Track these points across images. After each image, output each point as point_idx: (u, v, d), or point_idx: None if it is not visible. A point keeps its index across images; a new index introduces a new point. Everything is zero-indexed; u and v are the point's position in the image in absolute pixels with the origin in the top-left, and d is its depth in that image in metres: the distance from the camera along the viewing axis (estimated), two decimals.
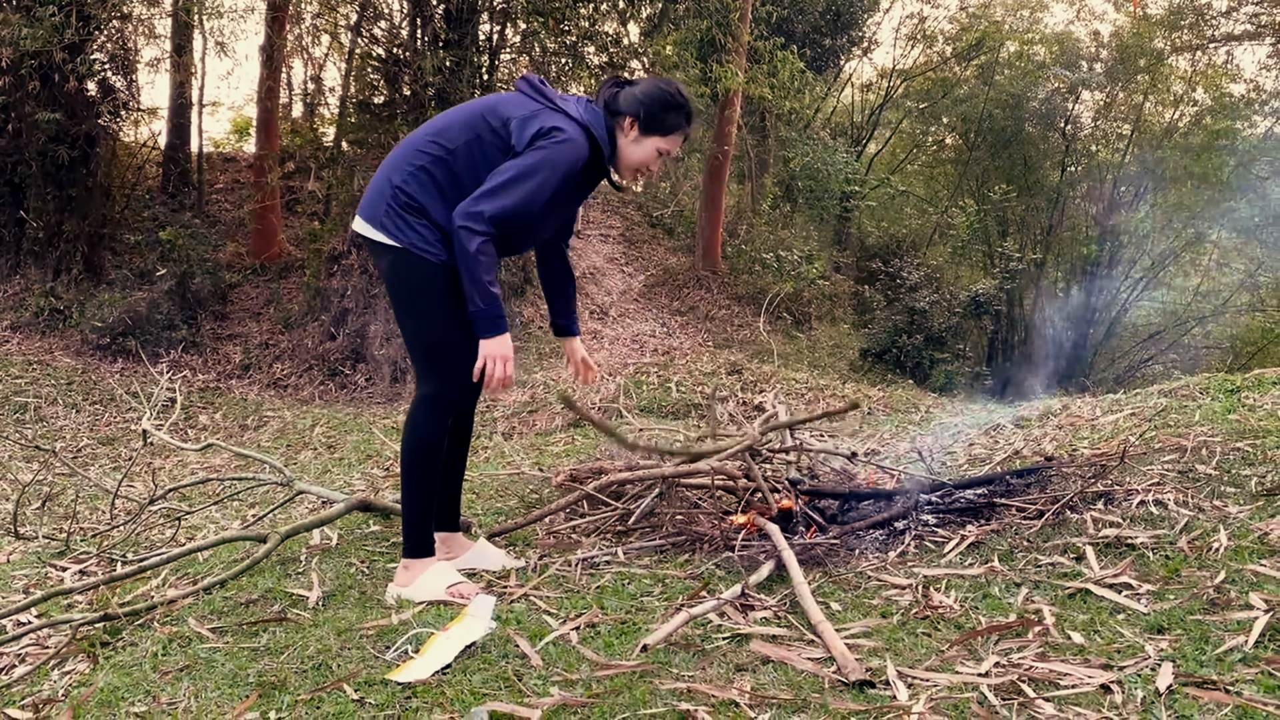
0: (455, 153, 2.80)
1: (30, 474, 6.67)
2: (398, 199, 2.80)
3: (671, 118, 2.95)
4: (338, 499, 3.99)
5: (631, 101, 2.93)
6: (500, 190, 2.71)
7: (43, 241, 11.56)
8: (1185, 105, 20.56)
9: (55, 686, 2.53)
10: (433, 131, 2.86)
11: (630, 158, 2.97)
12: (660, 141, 2.96)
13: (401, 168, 2.82)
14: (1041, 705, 2.05)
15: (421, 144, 2.84)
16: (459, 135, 2.82)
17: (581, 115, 2.87)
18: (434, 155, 2.81)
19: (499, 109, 2.86)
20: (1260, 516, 2.96)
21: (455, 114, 2.91)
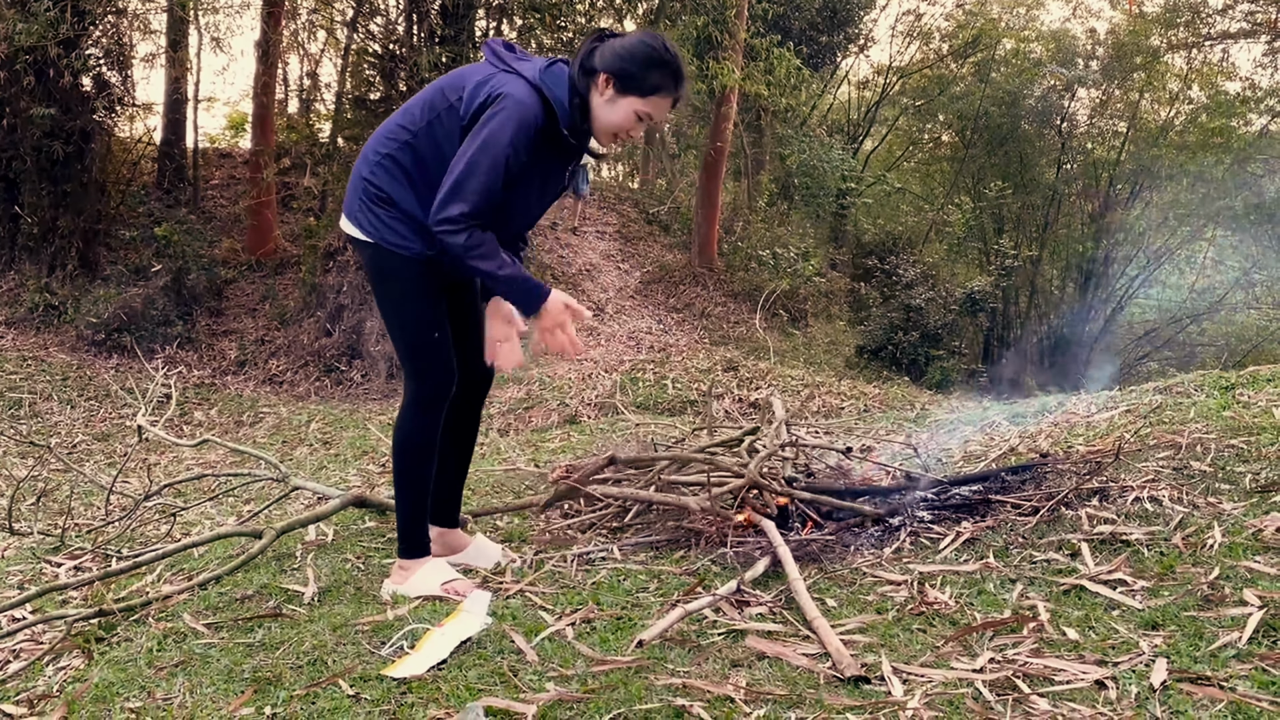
0: (418, 135, 2.66)
1: (25, 470, 6.66)
2: (368, 192, 2.71)
3: (654, 76, 2.63)
4: (333, 495, 3.99)
5: (609, 57, 2.62)
6: (460, 184, 2.53)
7: (37, 237, 11.53)
8: (1181, 103, 20.58)
9: (50, 682, 2.53)
10: (398, 117, 2.74)
11: (604, 120, 2.67)
12: (639, 103, 2.64)
13: (369, 159, 2.73)
14: (1036, 701, 2.05)
15: (389, 131, 2.72)
16: (420, 116, 2.68)
17: (535, 76, 2.62)
18: (400, 141, 2.68)
19: (458, 80, 2.69)
20: (1254, 513, 2.97)
21: (420, 94, 2.76)
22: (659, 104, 2.67)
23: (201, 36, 14.32)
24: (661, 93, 2.66)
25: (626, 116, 2.66)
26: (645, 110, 2.66)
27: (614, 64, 2.62)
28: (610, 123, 2.68)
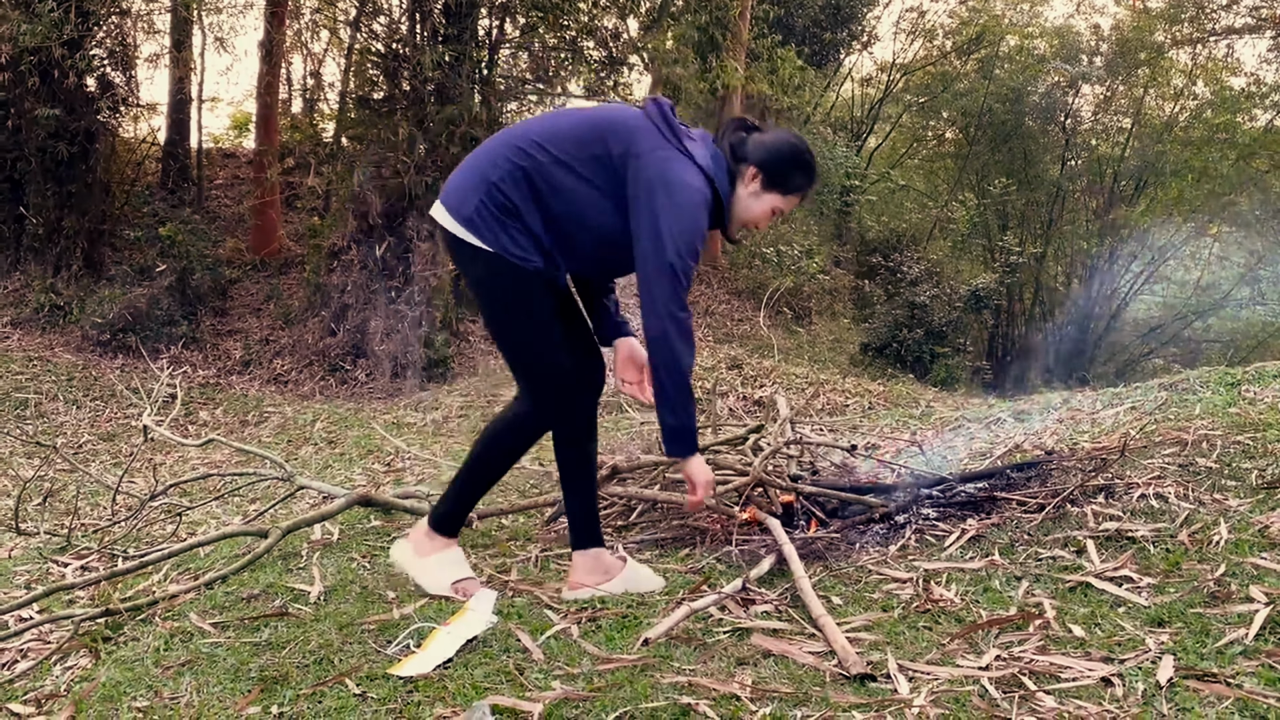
0: (562, 164, 2.55)
1: (31, 470, 6.68)
2: (494, 197, 2.53)
3: (797, 177, 2.71)
4: (339, 494, 3.99)
5: (760, 151, 2.67)
6: (687, 272, 2.49)
7: (43, 238, 11.56)
8: (1186, 99, 20.53)
9: (58, 682, 2.54)
10: (540, 133, 2.59)
11: (746, 212, 2.71)
12: (779, 200, 2.71)
13: (499, 164, 2.56)
14: (1042, 698, 2.05)
15: (524, 143, 2.57)
16: (569, 148, 2.56)
17: (707, 164, 2.60)
18: (537, 160, 2.55)
19: (622, 130, 2.58)
20: (1261, 510, 2.96)
21: (568, 121, 2.63)
22: (793, 202, 2.76)
23: (205, 36, 14.35)
24: (800, 192, 2.75)
25: (765, 212, 2.72)
26: (782, 207, 2.73)
27: (764, 159, 2.67)
28: (751, 215, 2.72)
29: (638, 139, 2.56)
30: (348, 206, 11.55)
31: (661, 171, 2.51)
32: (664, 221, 2.47)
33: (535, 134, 2.59)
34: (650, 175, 2.51)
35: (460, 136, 11.18)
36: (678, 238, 2.47)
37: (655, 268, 2.49)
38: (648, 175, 2.52)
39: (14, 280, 11.50)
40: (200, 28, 14.08)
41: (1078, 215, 20.78)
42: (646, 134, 2.58)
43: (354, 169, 11.56)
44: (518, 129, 2.67)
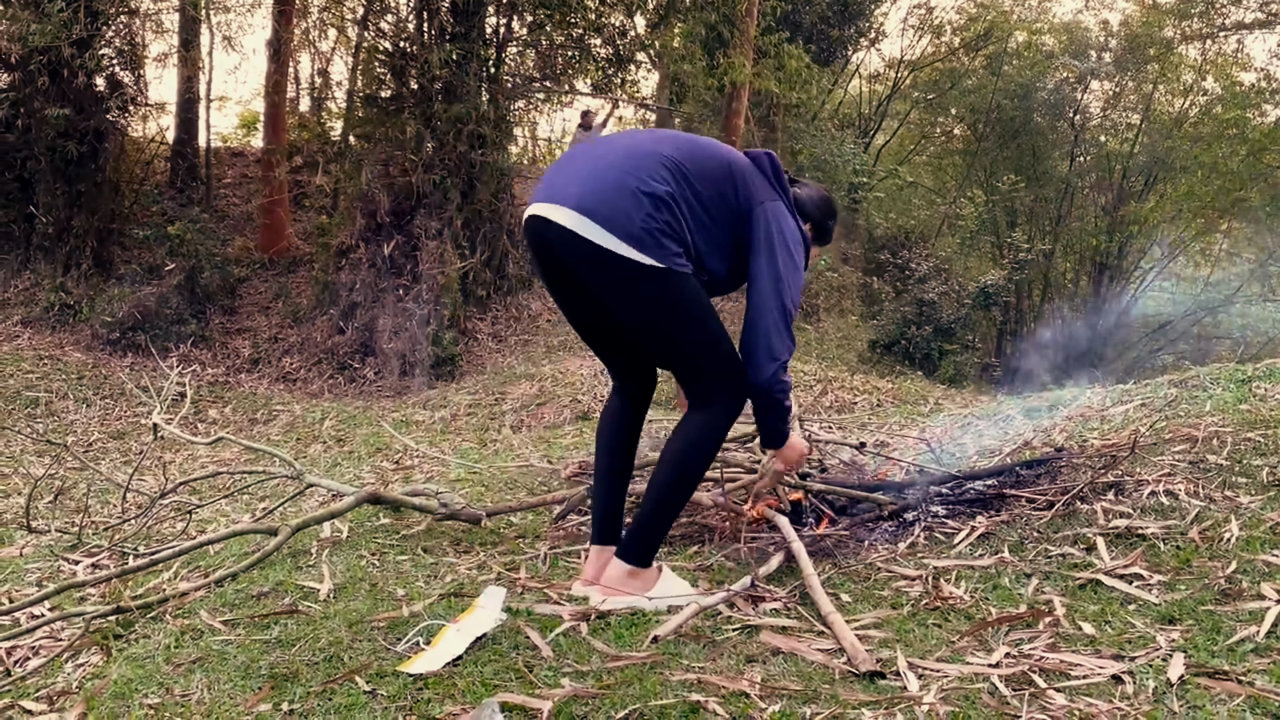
0: (700, 200, 2.56)
1: (42, 468, 6.70)
2: (659, 212, 2.48)
3: (832, 228, 3.00)
4: (348, 492, 4.00)
5: (810, 208, 2.90)
6: (788, 327, 2.64)
7: (52, 237, 11.60)
8: (1195, 94, 20.44)
9: (69, 679, 2.55)
10: (681, 155, 2.57)
11: None
12: (816, 249, 2.96)
13: (654, 179, 2.49)
14: (1052, 696, 2.04)
15: (669, 162, 2.54)
16: (707, 182, 2.58)
17: (810, 207, 2.90)
18: (683, 188, 2.53)
19: (748, 181, 2.66)
20: (1272, 506, 2.95)
21: (703, 152, 2.63)
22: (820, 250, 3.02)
23: (213, 35, 14.40)
24: (829, 240, 3.03)
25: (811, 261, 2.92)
26: (816, 255, 2.97)
27: (815, 215, 2.91)
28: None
29: (759, 188, 2.68)
30: (356, 205, 11.58)
31: (783, 226, 2.65)
32: (785, 273, 2.62)
33: (677, 155, 2.57)
34: (776, 228, 2.64)
35: (468, 134, 11.20)
36: (795, 289, 2.64)
37: (777, 314, 2.61)
38: (773, 228, 2.63)
39: (24, 279, 11.55)
40: (208, 27, 14.13)
41: (1087, 212, 20.71)
42: (766, 185, 2.71)
43: (362, 167, 11.59)
44: (653, 140, 2.62)
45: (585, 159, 2.63)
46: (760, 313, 2.61)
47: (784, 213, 2.68)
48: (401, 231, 11.31)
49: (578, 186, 2.52)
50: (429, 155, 11.24)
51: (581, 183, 2.53)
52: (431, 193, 11.25)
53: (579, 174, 2.57)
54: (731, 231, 2.62)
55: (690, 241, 2.55)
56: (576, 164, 2.63)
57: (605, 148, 2.63)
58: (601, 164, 2.55)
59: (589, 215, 2.46)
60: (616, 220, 2.45)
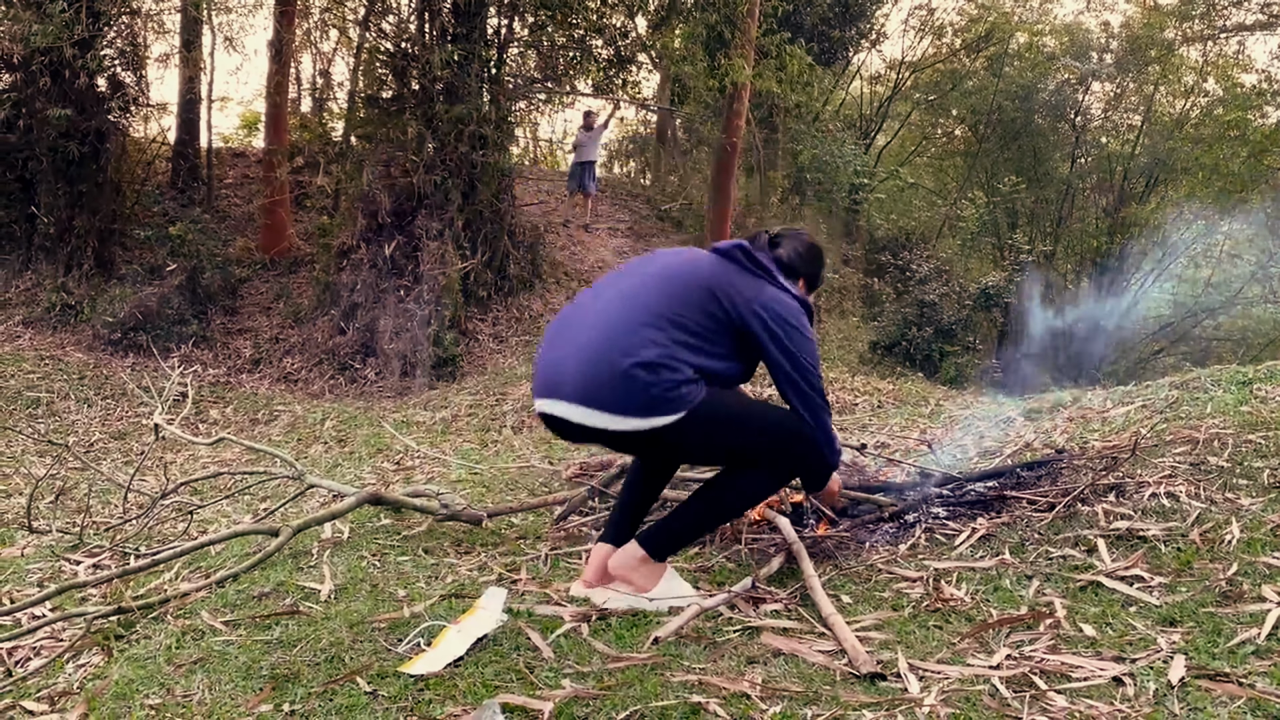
0: (695, 340, 2.64)
1: (43, 468, 6.71)
2: (659, 374, 2.55)
3: (824, 273, 3.06)
4: (349, 493, 4.00)
5: (800, 261, 2.94)
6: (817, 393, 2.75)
7: (54, 237, 11.60)
8: (1196, 96, 20.43)
9: (70, 679, 2.55)
10: (664, 301, 2.65)
11: None
12: (810, 296, 2.99)
13: (638, 352, 2.55)
14: (1053, 698, 2.05)
15: (651, 320, 2.61)
16: (697, 316, 2.66)
17: (797, 292, 2.85)
18: (676, 338, 2.61)
19: (730, 287, 2.70)
20: (1273, 509, 2.95)
21: (680, 285, 2.69)
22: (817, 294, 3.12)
23: (215, 36, 14.39)
24: (821, 284, 3.08)
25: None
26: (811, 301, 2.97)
27: (807, 268, 2.96)
28: None
29: (743, 287, 2.73)
30: (357, 205, 11.58)
31: (782, 312, 2.72)
32: (802, 355, 2.71)
33: (658, 304, 2.64)
34: (773, 318, 2.70)
35: (469, 135, 11.20)
36: (815, 364, 2.75)
37: (811, 395, 2.73)
38: (770, 321, 2.70)
39: (26, 279, 11.55)
40: (210, 27, 14.14)
41: (1087, 213, 20.71)
42: (747, 279, 2.76)
43: (363, 168, 11.59)
44: (631, 293, 2.69)
45: (575, 333, 2.68)
46: (794, 395, 2.74)
47: (773, 298, 2.73)
48: (403, 232, 11.32)
49: (576, 377, 2.59)
50: (430, 156, 11.24)
51: (579, 371, 2.59)
52: (433, 193, 11.25)
53: (574, 359, 2.62)
54: (733, 339, 2.71)
55: (697, 366, 2.62)
56: (568, 341, 2.67)
57: (590, 313, 2.70)
58: (590, 346, 2.60)
59: (596, 406, 2.56)
60: (622, 403, 2.55)
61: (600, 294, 2.77)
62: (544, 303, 12.81)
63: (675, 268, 2.77)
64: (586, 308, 2.74)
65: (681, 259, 2.82)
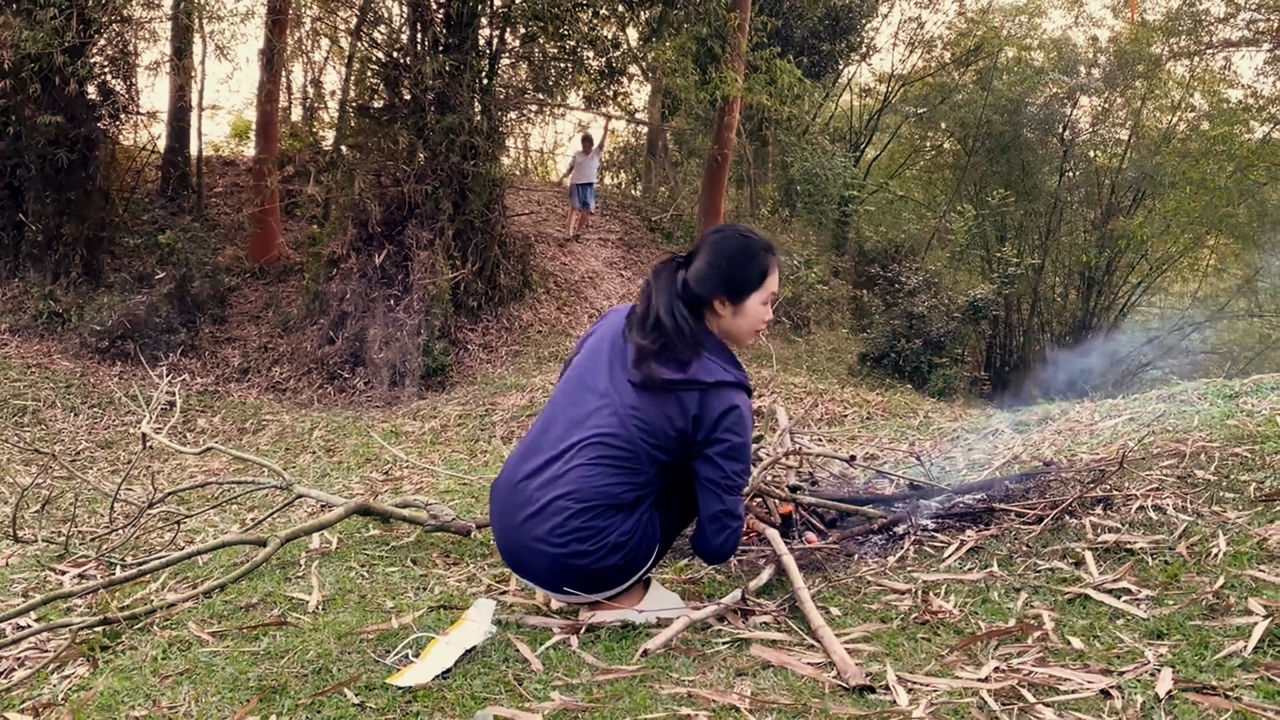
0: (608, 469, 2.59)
1: (29, 477, 6.67)
2: (604, 538, 2.54)
3: (754, 268, 2.65)
4: (337, 503, 3.99)
5: (708, 278, 2.63)
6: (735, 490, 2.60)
7: (42, 244, 11.55)
8: (1183, 111, 20.59)
9: (55, 690, 2.53)
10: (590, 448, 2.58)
11: (742, 330, 2.71)
12: (759, 294, 2.67)
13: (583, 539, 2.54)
14: (1041, 710, 2.05)
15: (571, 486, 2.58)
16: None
17: (730, 369, 2.60)
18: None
19: (651, 427, 2.57)
20: (1259, 522, 2.96)
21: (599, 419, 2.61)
22: (772, 278, 2.70)
23: (206, 44, 14.35)
24: (769, 270, 2.68)
25: (757, 312, 2.69)
26: (766, 295, 2.69)
27: (720, 283, 2.63)
28: (748, 328, 2.71)
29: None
30: (347, 214, 11.57)
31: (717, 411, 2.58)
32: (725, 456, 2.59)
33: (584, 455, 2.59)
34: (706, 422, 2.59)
35: (460, 145, 11.21)
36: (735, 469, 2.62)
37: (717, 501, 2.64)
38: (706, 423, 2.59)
39: (13, 287, 11.49)
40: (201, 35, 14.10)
41: (1075, 226, 20.82)
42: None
43: (354, 177, 11.58)
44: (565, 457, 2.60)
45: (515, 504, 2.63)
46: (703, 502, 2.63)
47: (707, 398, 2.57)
48: (393, 241, 11.31)
49: (537, 561, 2.58)
50: (421, 166, 11.24)
51: (534, 558, 2.58)
52: (423, 203, 11.25)
53: (532, 541, 2.57)
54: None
55: (641, 488, 2.57)
56: (513, 512, 2.63)
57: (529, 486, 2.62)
58: (542, 540, 2.55)
59: (565, 588, 2.60)
60: (588, 581, 2.58)
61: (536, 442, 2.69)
62: (534, 313, 12.81)
63: (590, 403, 2.67)
64: (529, 458, 2.67)
65: (586, 398, 2.70)
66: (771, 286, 2.69)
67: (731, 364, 2.63)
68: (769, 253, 2.69)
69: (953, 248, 19.68)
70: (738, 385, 2.58)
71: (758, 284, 2.66)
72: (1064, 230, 20.58)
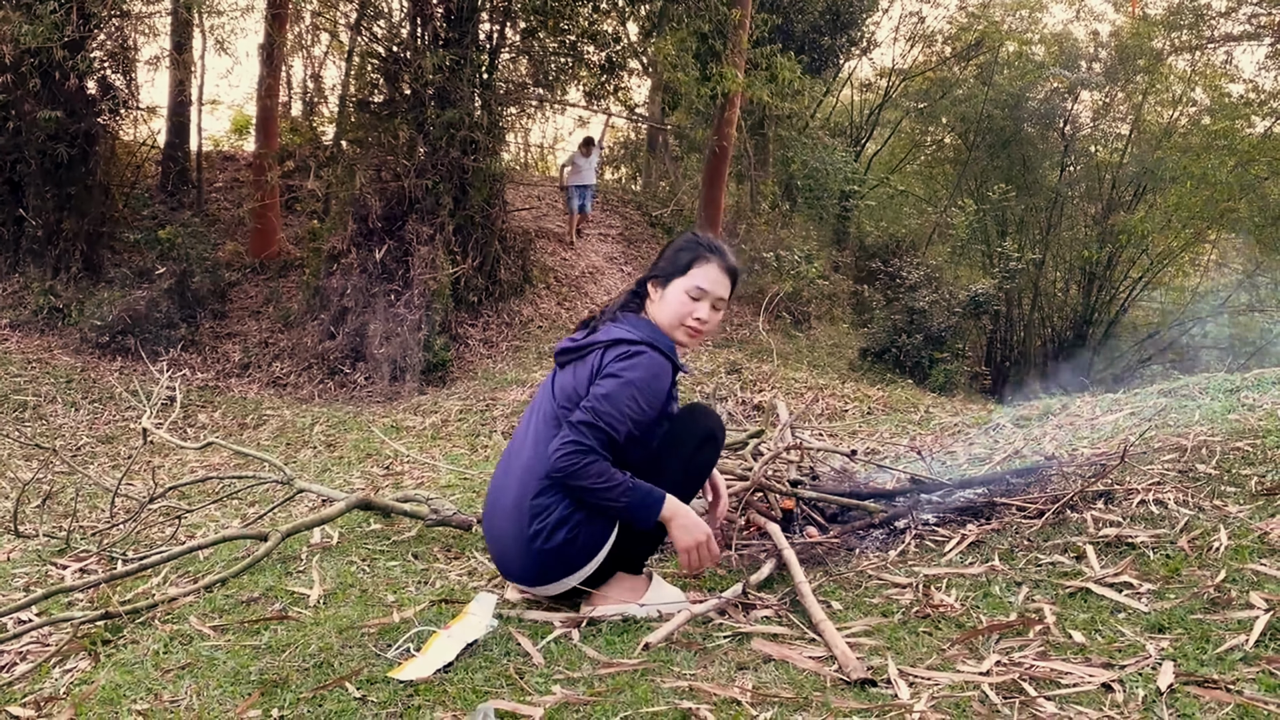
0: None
1: (30, 472, 6.67)
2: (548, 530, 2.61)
3: (683, 255, 2.80)
4: (338, 497, 3.99)
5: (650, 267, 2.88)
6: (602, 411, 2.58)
7: (42, 240, 11.55)
8: (1184, 105, 20.54)
9: (57, 684, 2.54)
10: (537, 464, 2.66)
11: (665, 316, 2.78)
12: (683, 282, 2.76)
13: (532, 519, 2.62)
14: (1043, 704, 2.05)
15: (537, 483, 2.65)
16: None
17: (637, 332, 2.71)
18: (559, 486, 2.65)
19: (565, 392, 2.68)
20: (1260, 516, 2.96)
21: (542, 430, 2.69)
22: (701, 273, 2.77)
23: (205, 39, 14.35)
24: (698, 262, 2.78)
25: (679, 298, 2.76)
26: (691, 284, 2.76)
27: (653, 268, 2.85)
28: (670, 313, 2.77)
29: (581, 375, 2.73)
30: (347, 210, 11.55)
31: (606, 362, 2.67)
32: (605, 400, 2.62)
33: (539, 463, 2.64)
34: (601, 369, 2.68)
35: (460, 140, 11.20)
36: (613, 411, 2.61)
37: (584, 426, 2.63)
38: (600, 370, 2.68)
39: (13, 282, 11.49)
40: (201, 30, 14.10)
41: (1076, 221, 20.79)
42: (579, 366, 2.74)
43: (354, 172, 11.56)
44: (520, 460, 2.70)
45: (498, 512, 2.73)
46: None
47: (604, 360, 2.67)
48: (393, 237, 11.30)
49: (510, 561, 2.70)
50: (421, 160, 11.23)
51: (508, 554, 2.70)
52: (423, 198, 11.24)
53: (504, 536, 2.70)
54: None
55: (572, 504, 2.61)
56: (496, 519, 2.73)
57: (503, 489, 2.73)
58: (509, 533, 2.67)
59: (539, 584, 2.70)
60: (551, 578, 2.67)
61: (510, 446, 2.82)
62: (534, 308, 12.81)
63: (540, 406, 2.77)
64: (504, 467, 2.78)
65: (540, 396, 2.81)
66: (699, 280, 2.76)
67: (644, 331, 2.72)
68: (709, 250, 2.80)
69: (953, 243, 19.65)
70: (640, 342, 2.67)
71: (683, 271, 2.78)
72: (1065, 225, 20.54)
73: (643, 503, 2.57)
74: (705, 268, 2.77)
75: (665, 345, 2.71)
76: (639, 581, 2.77)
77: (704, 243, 2.83)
